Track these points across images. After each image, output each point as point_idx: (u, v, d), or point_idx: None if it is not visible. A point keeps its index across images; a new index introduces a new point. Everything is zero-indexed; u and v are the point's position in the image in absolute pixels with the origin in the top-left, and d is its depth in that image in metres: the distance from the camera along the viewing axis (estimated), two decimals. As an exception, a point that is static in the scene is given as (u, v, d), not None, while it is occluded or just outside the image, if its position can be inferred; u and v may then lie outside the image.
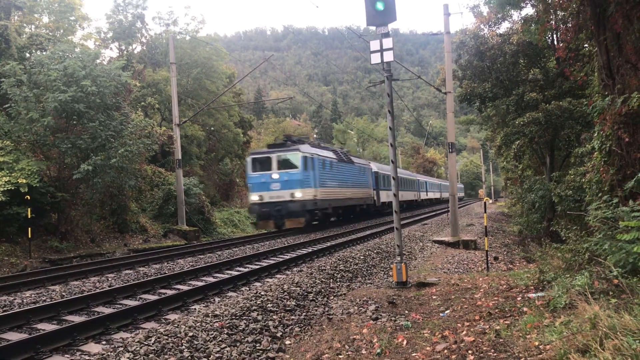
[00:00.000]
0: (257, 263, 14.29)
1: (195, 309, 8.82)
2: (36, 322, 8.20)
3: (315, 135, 76.88)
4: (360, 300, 9.05)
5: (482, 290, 8.92)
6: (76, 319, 8.30)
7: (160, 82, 35.96)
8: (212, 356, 6.10)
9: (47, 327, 7.89)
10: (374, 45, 10.04)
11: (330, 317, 8.03)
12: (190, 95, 38.37)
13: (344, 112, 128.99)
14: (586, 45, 12.94)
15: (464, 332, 6.26)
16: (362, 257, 14.15)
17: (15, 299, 10.07)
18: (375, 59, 10.13)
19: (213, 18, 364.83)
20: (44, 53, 25.95)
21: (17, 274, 14.05)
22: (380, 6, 9.86)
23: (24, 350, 6.50)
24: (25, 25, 33.24)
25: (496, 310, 7.16)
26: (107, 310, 8.74)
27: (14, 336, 7.51)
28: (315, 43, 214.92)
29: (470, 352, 5.42)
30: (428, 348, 5.88)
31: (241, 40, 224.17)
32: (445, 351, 5.63)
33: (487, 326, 6.34)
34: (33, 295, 10.46)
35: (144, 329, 7.48)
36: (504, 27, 24.22)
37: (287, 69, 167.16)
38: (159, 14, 45.97)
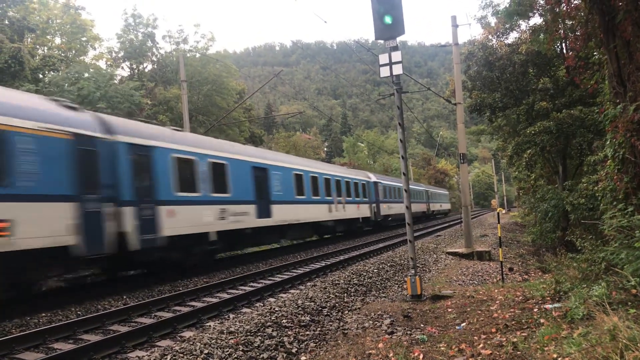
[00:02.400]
0: (270, 278, 14.28)
1: (210, 325, 8.81)
2: (52, 342, 8.24)
3: (325, 149, 77.11)
4: (375, 315, 9.00)
5: (497, 302, 8.85)
6: (92, 338, 8.32)
7: (172, 100, 36.30)
8: (227, 373, 6.10)
9: (64, 346, 7.92)
10: (383, 58, 10.08)
11: (345, 332, 7.99)
12: (201, 112, 38.69)
13: (354, 125, 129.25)
14: (596, 53, 12.90)
15: (481, 345, 6.21)
16: (375, 271, 14.09)
17: (31, 319, 10.12)
18: (385, 72, 10.16)
19: (222, 35, 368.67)
20: (58, 74, 26.35)
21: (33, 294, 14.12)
22: (388, 20, 9.92)
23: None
24: (38, 47, 33.78)
25: (513, 322, 7.10)
26: (122, 329, 8.76)
27: (30, 356, 7.55)
28: (324, 57, 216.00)
29: (487, 365, 5.38)
30: (445, 362, 5.84)
31: (250, 56, 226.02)
32: (463, 365, 5.59)
33: (504, 338, 6.29)
34: (49, 315, 10.51)
35: (160, 347, 7.49)
36: (512, 37, 24.27)
37: (296, 84, 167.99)
38: (169, 32, 46.48)
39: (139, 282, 14.33)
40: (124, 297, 12.29)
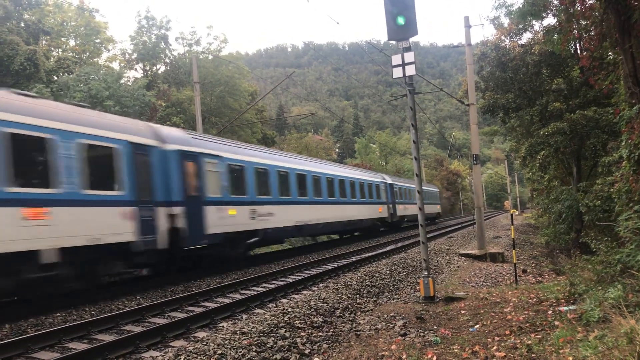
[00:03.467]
0: (282, 279, 14.30)
1: (223, 326, 8.85)
2: (67, 342, 8.31)
3: (337, 150, 77.09)
4: (387, 316, 8.99)
5: (511, 304, 8.80)
6: (106, 337, 8.39)
7: (185, 101, 36.49)
8: (241, 374, 6.11)
9: (79, 346, 7.99)
10: (396, 59, 10.07)
11: (358, 333, 7.99)
12: (214, 114, 38.85)
13: (366, 126, 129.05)
14: (610, 53, 12.80)
15: (495, 347, 6.18)
16: (388, 272, 14.07)
17: (46, 319, 10.21)
18: (397, 73, 10.15)
19: (235, 37, 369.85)
20: (71, 76, 26.60)
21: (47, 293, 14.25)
22: (401, 21, 9.90)
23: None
24: (52, 49, 34.09)
25: (527, 325, 7.06)
26: (136, 329, 8.81)
27: (45, 356, 7.62)
28: (336, 58, 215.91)
29: (502, 368, 5.34)
30: (458, 364, 5.82)
31: (262, 57, 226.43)
32: (477, 367, 5.57)
33: (518, 341, 6.25)
34: (63, 315, 10.60)
35: (173, 347, 7.53)
36: (526, 37, 24.11)
37: (308, 85, 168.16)
38: (182, 34, 46.69)
39: (153, 282, 14.42)
40: (138, 297, 12.37)
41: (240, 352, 6.73)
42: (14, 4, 29.45)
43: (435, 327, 8.07)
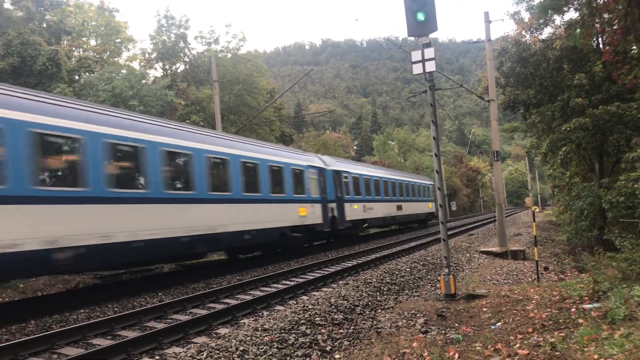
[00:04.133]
0: (302, 276, 14.32)
1: (244, 322, 8.90)
2: (91, 338, 8.42)
3: (355, 147, 76.92)
4: (408, 314, 8.97)
5: (534, 301, 8.71)
6: (130, 334, 8.48)
7: (204, 100, 36.71)
8: (263, 370, 6.15)
9: (103, 342, 8.09)
10: (416, 55, 10.02)
11: (379, 330, 7.98)
12: (233, 112, 39.00)
13: (384, 123, 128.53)
14: (635, 47, 12.60)
15: (518, 345, 6.13)
16: (408, 270, 14.03)
17: (70, 315, 10.37)
18: (417, 69, 10.10)
19: (253, 35, 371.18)
20: (92, 75, 26.93)
21: (70, 290, 14.48)
22: (421, 17, 9.86)
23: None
24: (74, 49, 34.51)
25: (550, 322, 6.99)
26: (159, 325, 8.90)
27: (70, 351, 7.72)
28: (354, 55, 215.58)
29: (525, 365, 5.30)
30: (481, 362, 5.78)
31: (280, 55, 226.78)
32: (500, 365, 5.53)
33: (542, 339, 6.19)
34: (87, 311, 10.75)
35: (196, 343, 7.59)
36: (547, 32, 23.83)
37: (326, 82, 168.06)
38: (200, 33, 46.95)
39: (174, 279, 14.57)
40: (159, 294, 12.49)
41: (262, 348, 6.77)
42: (36, 5, 29.89)
43: (456, 324, 8.04)
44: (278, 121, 43.55)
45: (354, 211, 25.42)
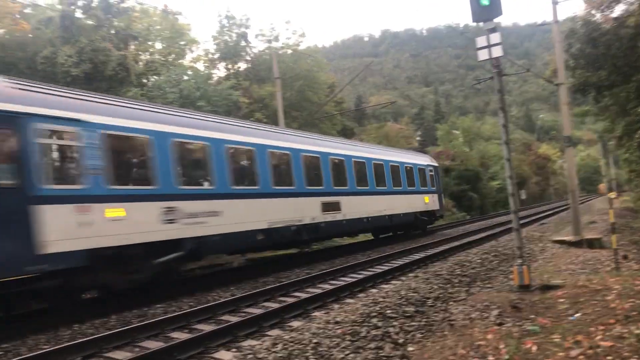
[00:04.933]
0: (369, 269, 14.33)
1: (316, 315, 9.01)
2: (169, 331, 8.73)
3: (418, 138, 75.78)
4: (481, 305, 8.79)
5: (614, 291, 8.34)
6: (206, 327, 8.75)
7: (266, 97, 37.18)
8: (337, 363, 6.21)
9: (181, 335, 8.38)
10: (481, 41, 9.78)
11: (452, 322, 7.88)
12: (294, 107, 39.31)
13: (447, 112, 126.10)
14: None
15: (599, 337, 5.90)
16: (479, 261, 13.76)
17: (148, 310, 10.79)
18: (483, 55, 9.86)
19: (311, 30, 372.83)
20: (160, 78, 27.85)
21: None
22: (485, 1, 9.61)
23: (163, 358, 6.97)
24: (140, 53, 35.76)
25: (634, 313, 6.68)
26: (233, 319, 9.13)
27: (151, 345, 8.05)
28: (414, 45, 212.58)
29: (609, 358, 5.10)
30: (561, 354, 5.60)
31: (339, 49, 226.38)
32: (581, 357, 5.34)
33: (626, 330, 5.93)
34: (163, 306, 11.14)
35: (270, 336, 7.75)
36: (619, 9, 22.60)
37: (386, 73, 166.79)
38: (261, 31, 47.51)
39: (245, 273, 14.89)
40: (231, 288, 12.79)
41: (335, 341, 6.84)
42: (105, 13, 31.14)
43: (532, 316, 7.82)
44: (339, 115, 43.55)
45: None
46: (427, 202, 26.00)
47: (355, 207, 18.97)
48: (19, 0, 27.44)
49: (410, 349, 6.80)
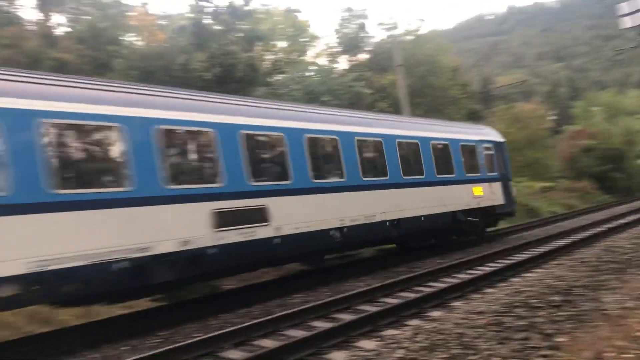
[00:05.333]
0: (509, 258, 13.80)
1: (455, 305, 8.85)
2: (310, 320, 9.00)
3: (553, 117, 71.20)
4: (637, 294, 8.12)
5: None
6: (345, 317, 8.91)
7: (388, 86, 37.01)
8: (482, 353, 6.04)
9: (322, 325, 8.60)
10: (625, 7, 8.99)
11: (605, 312, 7.36)
12: (417, 94, 38.74)
13: (583, 88, 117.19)
14: None
15: None
16: (630, 246, 12.69)
17: (289, 299, 11.19)
18: (627, 22, 9.07)
19: (432, 14, 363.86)
20: (285, 76, 28.82)
21: (282, 277, 15.66)
22: (628, -36, 8.80)
23: (306, 346, 7.24)
24: (265, 52, 37.21)
25: None
26: (371, 309, 9.21)
27: (294, 333, 8.36)
28: (544, 19, 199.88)
29: None
30: None
31: (462, 30, 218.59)
32: None
33: None
34: (302, 296, 11.51)
35: (410, 325, 7.74)
36: None
37: (512, 52, 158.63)
38: (381, 21, 47.42)
39: (376, 264, 14.97)
40: (364, 278, 12.90)
41: (479, 331, 6.67)
42: (231, 17, 32.79)
43: (700, 305, 7.09)
44: (465, 99, 42.21)
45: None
46: (479, 194, 18.31)
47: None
48: (154, 13, 29.74)
49: (560, 339, 6.46)
